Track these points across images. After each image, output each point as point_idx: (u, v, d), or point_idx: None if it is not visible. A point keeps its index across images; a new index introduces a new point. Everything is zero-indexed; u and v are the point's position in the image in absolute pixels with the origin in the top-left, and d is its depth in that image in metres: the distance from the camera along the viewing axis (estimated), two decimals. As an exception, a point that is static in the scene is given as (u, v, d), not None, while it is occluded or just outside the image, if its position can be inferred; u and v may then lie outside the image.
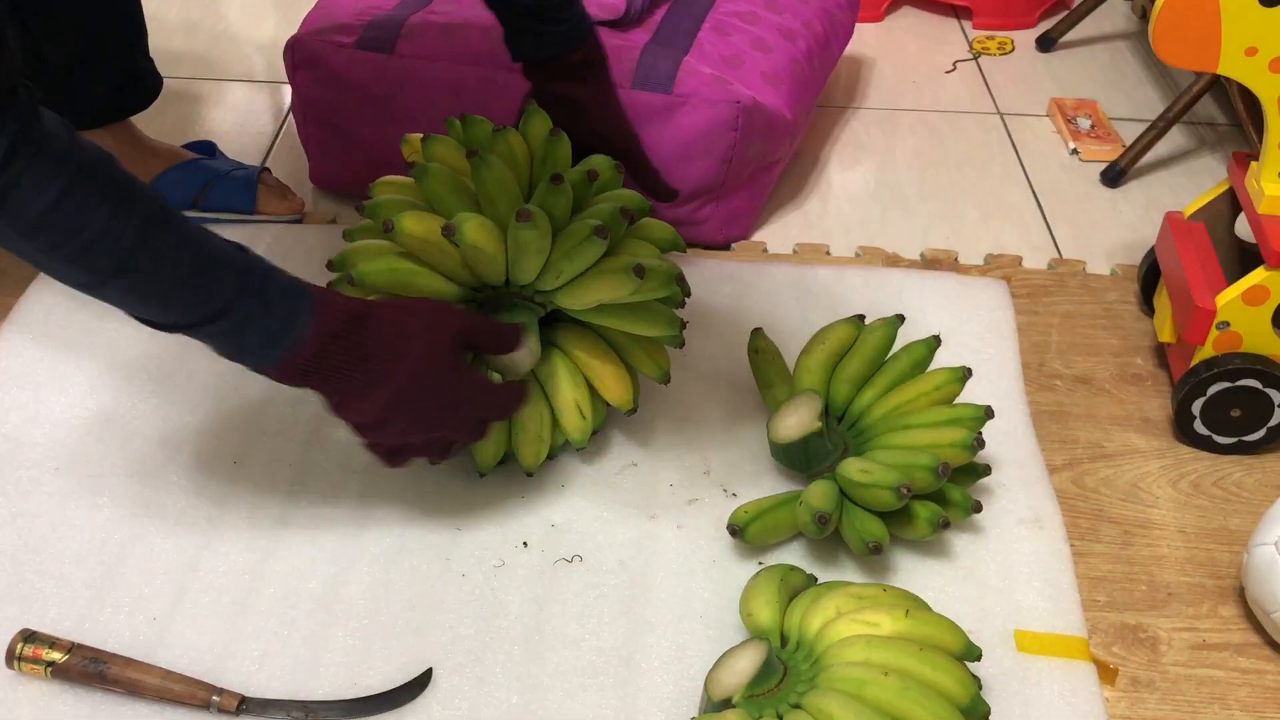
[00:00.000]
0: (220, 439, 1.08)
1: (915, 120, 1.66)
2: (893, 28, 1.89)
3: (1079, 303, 1.31)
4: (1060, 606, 0.97)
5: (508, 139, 1.00)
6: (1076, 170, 1.56)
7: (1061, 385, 1.20)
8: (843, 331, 1.10)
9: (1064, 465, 1.11)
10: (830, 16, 1.50)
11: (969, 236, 1.42)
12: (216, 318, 0.79)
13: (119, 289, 0.77)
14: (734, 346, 1.18)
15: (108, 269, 0.75)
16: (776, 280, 1.31)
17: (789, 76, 1.37)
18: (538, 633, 0.93)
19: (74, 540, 0.99)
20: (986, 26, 1.89)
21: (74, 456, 1.06)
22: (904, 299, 1.28)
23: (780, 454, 1.05)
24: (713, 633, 0.94)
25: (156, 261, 0.76)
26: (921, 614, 0.86)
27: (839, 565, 1.00)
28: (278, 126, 1.57)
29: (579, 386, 1.02)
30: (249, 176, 1.35)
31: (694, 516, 1.03)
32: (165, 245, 0.77)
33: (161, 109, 1.37)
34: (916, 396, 1.05)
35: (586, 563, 0.99)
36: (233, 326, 0.80)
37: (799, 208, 1.46)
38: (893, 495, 0.94)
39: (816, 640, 0.86)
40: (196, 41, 1.76)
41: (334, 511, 1.02)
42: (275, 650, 0.91)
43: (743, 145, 1.29)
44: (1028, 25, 1.89)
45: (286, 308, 0.82)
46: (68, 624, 0.92)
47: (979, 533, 1.03)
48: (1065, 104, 1.67)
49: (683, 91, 1.27)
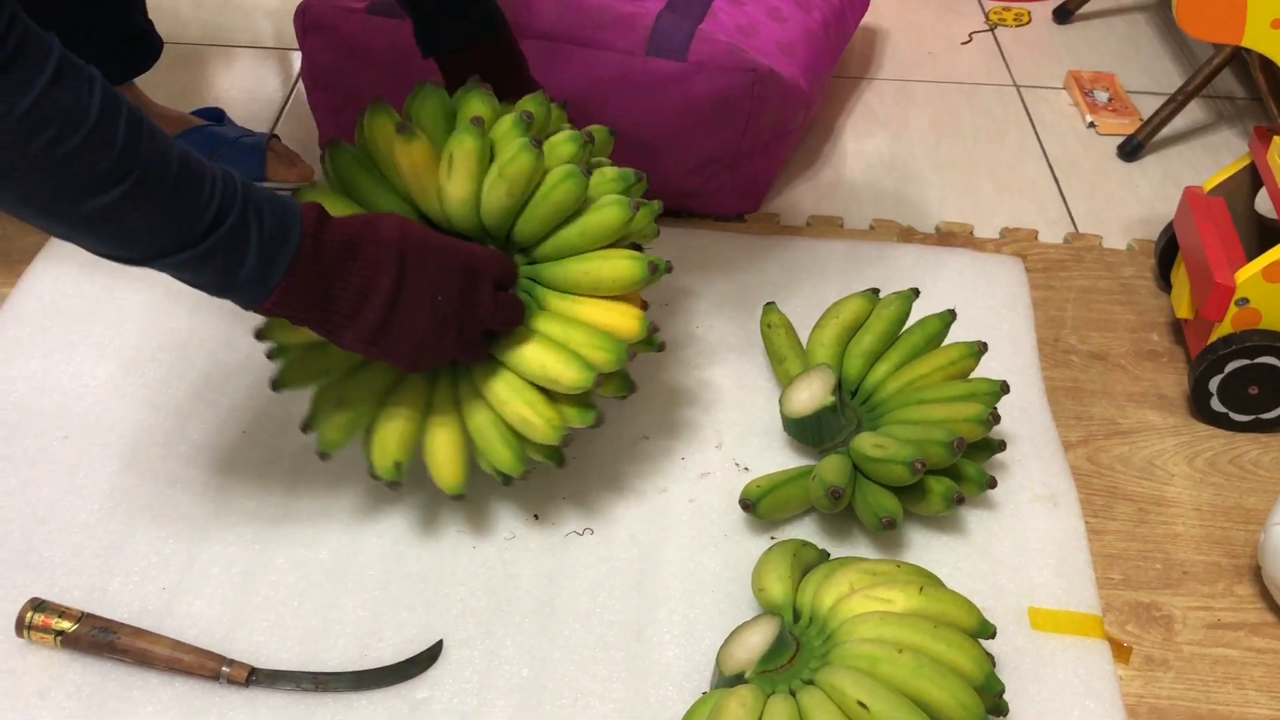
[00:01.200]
0: (229, 408, 1.08)
1: (931, 92, 1.65)
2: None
3: (1095, 278, 1.30)
4: (1074, 584, 0.97)
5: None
6: (1093, 144, 1.55)
7: (1077, 361, 1.19)
8: (857, 305, 1.10)
9: (1079, 441, 1.10)
10: (846, -14, 1.49)
11: (984, 210, 1.41)
12: (212, 229, 0.72)
13: (115, 201, 0.68)
14: (746, 320, 1.18)
15: (105, 172, 0.67)
16: (789, 253, 1.30)
17: (804, 46, 1.36)
18: (548, 606, 0.93)
19: (83, 509, 0.99)
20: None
21: (82, 425, 1.06)
22: (919, 273, 1.27)
23: (793, 429, 1.04)
24: (724, 607, 0.93)
25: (150, 162, 0.69)
26: (935, 591, 0.86)
27: (852, 541, 0.99)
28: (287, 93, 1.56)
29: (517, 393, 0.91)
30: (258, 143, 1.34)
31: (706, 490, 1.03)
32: (154, 144, 0.70)
33: (169, 75, 1.36)
34: (931, 371, 1.04)
35: (598, 536, 0.99)
36: (226, 242, 0.73)
37: (813, 180, 1.45)
38: (907, 470, 0.93)
39: (829, 616, 0.85)
40: (204, 7, 1.75)
41: (345, 481, 1.02)
42: (285, 621, 0.91)
43: (757, 114, 1.27)
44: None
45: (278, 217, 0.76)
46: (77, 593, 0.92)
47: (993, 509, 1.02)
48: (1082, 76, 1.66)
49: (697, 59, 1.25)
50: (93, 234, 0.70)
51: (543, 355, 0.89)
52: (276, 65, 1.63)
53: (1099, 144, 1.55)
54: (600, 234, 0.92)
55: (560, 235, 0.92)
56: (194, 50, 1.63)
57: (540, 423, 0.90)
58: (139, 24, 1.30)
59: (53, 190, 0.67)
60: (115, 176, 0.67)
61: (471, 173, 0.89)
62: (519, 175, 0.89)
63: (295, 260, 0.76)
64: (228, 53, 1.65)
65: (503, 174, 0.89)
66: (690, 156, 1.29)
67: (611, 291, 0.92)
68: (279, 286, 0.76)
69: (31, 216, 0.69)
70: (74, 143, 0.65)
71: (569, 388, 0.89)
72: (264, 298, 0.76)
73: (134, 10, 1.28)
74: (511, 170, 0.88)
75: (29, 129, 0.64)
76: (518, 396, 0.90)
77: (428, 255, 0.83)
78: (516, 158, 0.88)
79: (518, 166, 0.88)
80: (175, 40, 1.34)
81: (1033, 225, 1.38)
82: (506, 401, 0.90)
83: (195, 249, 0.72)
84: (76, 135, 0.65)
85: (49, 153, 0.65)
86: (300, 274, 0.77)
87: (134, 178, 0.68)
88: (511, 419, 0.90)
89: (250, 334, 0.91)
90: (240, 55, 1.65)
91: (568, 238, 0.92)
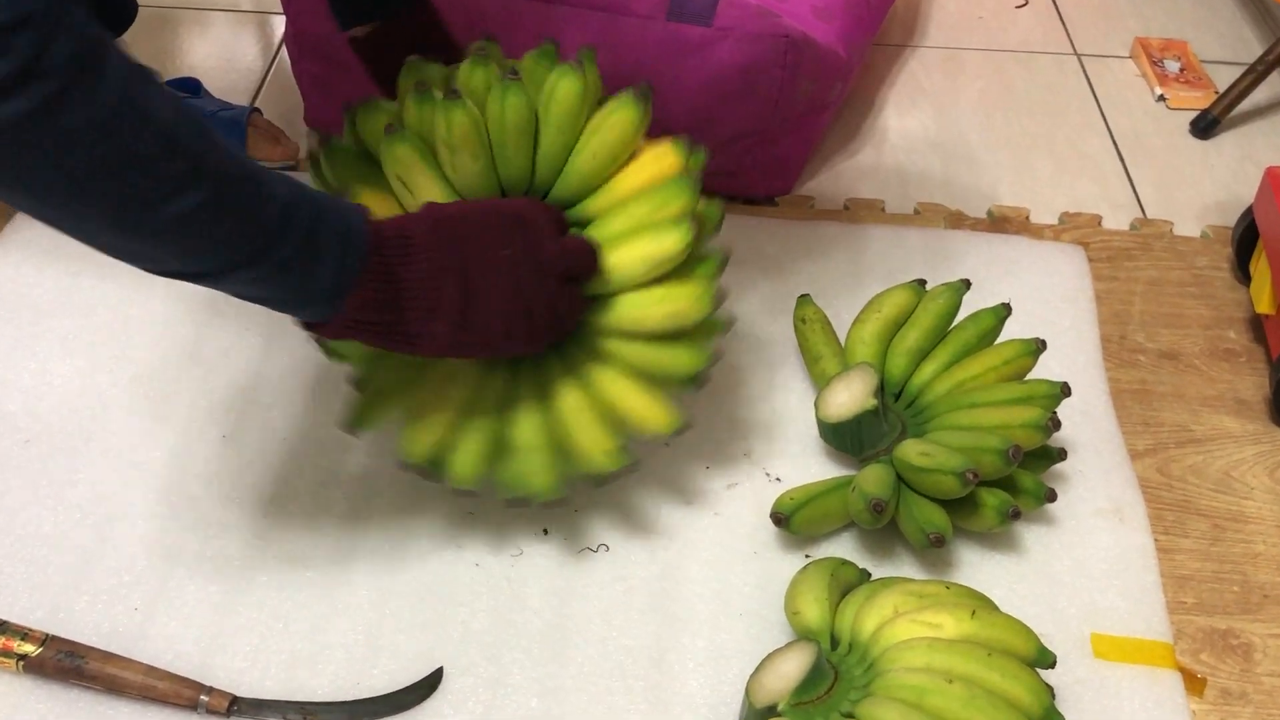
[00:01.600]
0: (207, 410, 1.09)
1: (982, 61, 1.65)
2: (957, -44, 1.87)
3: (1165, 268, 1.30)
4: (1142, 608, 0.97)
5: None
6: (1163, 119, 1.55)
7: (1145, 361, 1.19)
8: (900, 298, 1.10)
9: (1147, 450, 1.10)
10: (889, -56, 1.49)
11: (1042, 193, 1.41)
12: (285, 233, 0.73)
13: (194, 207, 0.69)
14: (778, 314, 1.18)
15: (183, 175, 0.68)
16: (825, 240, 1.30)
17: (842, 11, 1.36)
18: (559, 629, 0.94)
19: (46, 521, 0.99)
20: (1063, -45, 1.87)
21: (46, 428, 1.07)
22: (969, 262, 1.27)
23: (830, 435, 1.05)
24: (754, 632, 0.94)
25: (223, 164, 0.71)
26: (989, 615, 0.86)
27: (896, 559, 1.00)
28: (268, 62, 1.57)
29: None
30: (237, 118, 1.35)
31: (733, 503, 1.03)
32: (221, 145, 0.71)
33: (139, 41, 1.37)
34: (983, 372, 1.04)
35: (613, 553, 0.99)
36: (302, 248, 0.74)
37: (851, 158, 1.46)
38: (957, 481, 0.93)
39: (871, 642, 0.86)
40: (177, -34, 1.76)
41: (335, 490, 1.03)
42: (270, 645, 0.92)
43: (790, 85, 1.28)
44: (1109, -46, 1.87)
45: (343, 218, 0.78)
46: (40, 614, 0.93)
47: (1052, 524, 1.02)
48: (1151, 44, 1.66)
49: (724, 24, 1.26)
50: (172, 244, 0.71)
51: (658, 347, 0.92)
52: (256, 31, 1.64)
53: (1169, 119, 1.55)
54: (661, 265, 0.90)
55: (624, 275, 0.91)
56: (166, 14, 1.64)
57: (657, 412, 0.92)
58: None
59: (130, 196, 0.68)
60: (194, 179, 0.69)
61: (480, 148, 0.90)
62: (568, 102, 0.90)
63: (366, 262, 0.78)
64: (203, 16, 1.66)
65: (548, 111, 0.90)
66: (716, 132, 1.29)
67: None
68: (355, 292, 0.77)
69: (106, 229, 0.70)
70: (151, 144, 0.66)
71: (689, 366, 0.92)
72: (340, 307, 0.78)
73: None
74: (560, 97, 0.90)
75: (108, 130, 0.65)
76: (631, 386, 0.92)
77: (473, 221, 0.84)
78: (559, 83, 0.89)
79: (565, 91, 0.90)
80: (144, 4, 1.35)
81: (1096, 210, 1.38)
82: (619, 392, 0.92)
83: (273, 257, 0.73)
84: (152, 135, 0.66)
85: (127, 155, 0.66)
86: (373, 276, 0.78)
87: (210, 181, 0.69)
88: (626, 408, 0.92)
89: (234, 337, 0.90)
90: (216, 20, 1.66)
91: (632, 274, 0.91)
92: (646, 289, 0.90)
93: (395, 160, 0.90)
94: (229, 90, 1.47)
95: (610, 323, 0.91)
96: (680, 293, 0.90)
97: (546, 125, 0.91)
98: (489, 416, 0.92)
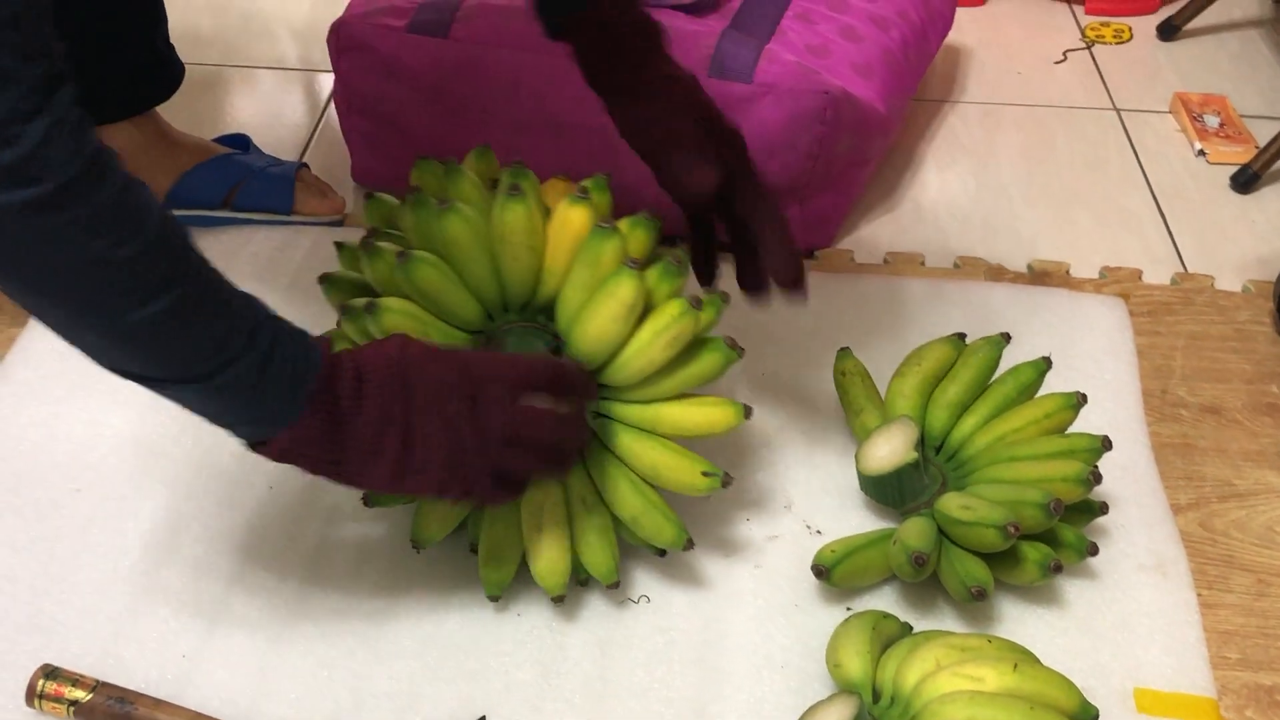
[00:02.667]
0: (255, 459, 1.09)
1: (1021, 116, 1.66)
2: (996, 13, 1.89)
3: (1207, 323, 1.30)
4: (1186, 663, 0.97)
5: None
6: (1203, 174, 1.56)
7: (1187, 415, 1.19)
8: (940, 352, 1.11)
9: (1190, 505, 1.10)
10: (927, 3, 1.51)
11: (1082, 247, 1.42)
12: (245, 350, 0.76)
13: (160, 313, 0.72)
14: (818, 367, 1.19)
15: (157, 282, 0.72)
16: (865, 293, 1.31)
17: (881, 67, 1.38)
18: (600, 680, 0.94)
19: (96, 568, 1.01)
20: (1101, 12, 1.89)
21: (97, 476, 1.09)
22: (1009, 316, 1.28)
23: (871, 487, 1.05)
24: (795, 685, 0.94)
25: (198, 275, 0.75)
26: (1031, 668, 0.86)
27: (937, 613, 1.00)
28: (316, 118, 1.60)
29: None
30: (286, 173, 1.38)
31: (774, 555, 1.04)
32: (197, 257, 0.75)
33: (190, 99, 1.40)
34: (1024, 425, 1.05)
35: (654, 604, 1.00)
36: (257, 367, 0.77)
37: (891, 212, 1.47)
38: (998, 535, 0.94)
39: (914, 696, 0.86)
40: (226, 23, 1.80)
41: (378, 540, 1.04)
42: (314, 692, 0.93)
43: (830, 140, 1.29)
44: (1148, 10, 1.88)
45: (299, 344, 0.80)
46: (90, 660, 0.94)
47: (1094, 578, 1.02)
48: (1190, 99, 1.67)
49: (765, 80, 1.28)
50: (132, 347, 0.75)
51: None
52: (303, 88, 1.67)
53: (1210, 174, 1.55)
54: (698, 383, 0.97)
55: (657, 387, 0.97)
56: (215, 72, 1.68)
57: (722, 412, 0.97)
58: (160, 50, 1.34)
59: (103, 297, 0.71)
60: (165, 286, 0.72)
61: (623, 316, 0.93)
62: (680, 339, 0.94)
63: (316, 391, 0.80)
64: (251, 74, 1.70)
65: (660, 337, 0.93)
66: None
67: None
68: (298, 425, 0.80)
69: (72, 324, 0.74)
70: (134, 248, 0.70)
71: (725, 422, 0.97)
72: (282, 430, 0.80)
73: (156, 36, 1.33)
74: (674, 334, 0.93)
75: (95, 230, 0.69)
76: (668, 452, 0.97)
77: (430, 374, 0.85)
78: (678, 321, 0.93)
79: (681, 330, 0.93)
80: (194, 60, 1.38)
81: (1136, 264, 1.38)
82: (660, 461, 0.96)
83: (227, 372, 0.76)
84: (137, 240, 0.70)
85: (109, 256, 0.69)
86: (320, 406, 0.80)
87: (180, 290, 0.73)
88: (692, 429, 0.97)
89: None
90: (264, 77, 1.69)
91: (665, 388, 0.97)
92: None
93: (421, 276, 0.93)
94: (277, 146, 1.50)
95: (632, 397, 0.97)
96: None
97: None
98: (561, 524, 0.96)
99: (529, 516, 0.95)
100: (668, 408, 0.96)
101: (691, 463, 0.96)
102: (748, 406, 0.97)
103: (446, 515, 0.97)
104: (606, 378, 0.96)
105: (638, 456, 0.96)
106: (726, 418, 0.97)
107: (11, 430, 1.13)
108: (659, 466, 0.96)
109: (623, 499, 0.96)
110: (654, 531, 0.97)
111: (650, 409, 0.96)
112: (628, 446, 0.96)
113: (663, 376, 0.95)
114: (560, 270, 0.96)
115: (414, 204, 0.95)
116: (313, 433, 0.81)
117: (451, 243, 0.94)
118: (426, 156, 1.01)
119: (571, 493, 0.97)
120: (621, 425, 0.97)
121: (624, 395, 0.97)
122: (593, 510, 0.97)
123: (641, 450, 0.96)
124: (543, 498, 0.95)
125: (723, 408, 0.97)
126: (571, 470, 0.96)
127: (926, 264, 1.38)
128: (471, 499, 0.93)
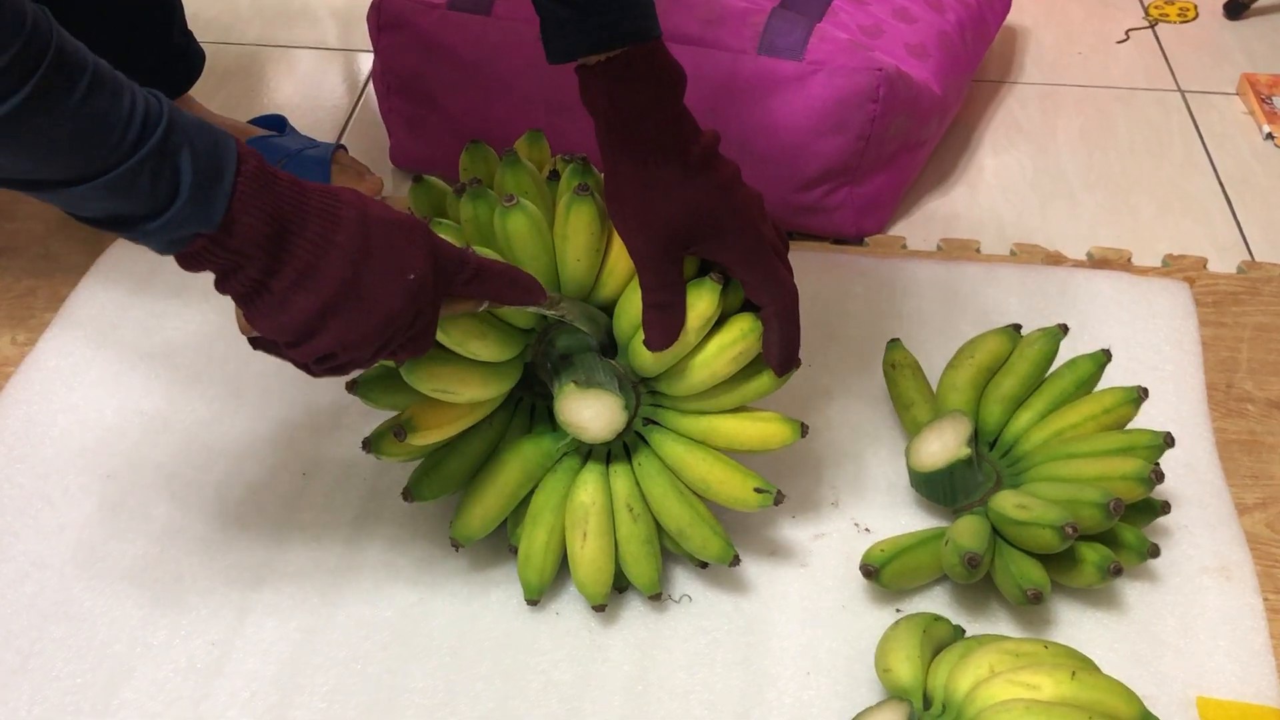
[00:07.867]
0: (289, 448, 1.10)
1: (1081, 98, 1.64)
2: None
3: (1275, 314, 1.28)
4: (1251, 671, 0.95)
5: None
6: (1272, 158, 1.53)
7: (1254, 410, 1.17)
8: (995, 344, 1.09)
9: (1256, 505, 1.08)
10: (985, -16, 1.49)
11: (1144, 234, 1.39)
12: (136, 146, 0.69)
13: (20, 103, 0.65)
14: (867, 359, 1.18)
15: (6, 67, 0.64)
16: (918, 281, 1.30)
17: (937, 48, 1.36)
18: (641, 682, 0.93)
19: (126, 555, 1.01)
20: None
21: (127, 463, 1.09)
22: (1067, 306, 1.26)
23: (921, 485, 1.04)
24: (842, 689, 0.93)
25: (62, 61, 0.66)
26: (1089, 676, 0.84)
27: (990, 616, 0.98)
28: (354, 99, 1.60)
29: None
30: (323, 155, 1.38)
31: (821, 554, 1.03)
32: (66, 43, 0.67)
33: (226, 80, 1.40)
34: (1082, 421, 1.03)
35: (696, 604, 0.99)
36: (154, 163, 0.69)
37: (945, 197, 1.45)
38: (1055, 535, 0.92)
39: (966, 703, 0.84)
40: (265, 3, 1.80)
41: (412, 533, 1.03)
42: (346, 685, 0.93)
43: (883, 120, 1.27)
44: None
45: (211, 140, 0.72)
46: (119, 646, 0.95)
47: (1155, 582, 1.00)
48: (1259, 80, 1.64)
49: (816, 58, 1.26)
50: (12, 139, 0.67)
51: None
52: (342, 68, 1.67)
53: (1278, 159, 1.53)
54: (755, 398, 0.96)
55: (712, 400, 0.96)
56: (253, 51, 1.68)
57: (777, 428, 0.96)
58: (177, 42, 1.33)
59: None
60: (20, 74, 0.65)
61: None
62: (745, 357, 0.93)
63: (239, 190, 0.72)
64: (288, 54, 1.69)
65: (727, 351, 0.92)
66: (805, 168, 1.29)
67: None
68: (224, 217, 0.72)
69: None
70: None
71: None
72: (201, 233, 0.72)
73: (171, 29, 1.32)
74: (741, 349, 0.93)
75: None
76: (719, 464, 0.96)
77: (393, 229, 0.78)
78: (746, 337, 0.92)
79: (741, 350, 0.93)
80: (231, 40, 1.38)
81: (1201, 252, 1.36)
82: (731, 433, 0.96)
83: (120, 169, 0.69)
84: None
85: None
86: (247, 207, 0.72)
87: (40, 76, 0.66)
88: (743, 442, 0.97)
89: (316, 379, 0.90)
90: (303, 57, 1.69)
91: (723, 402, 0.96)
92: None
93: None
94: (314, 127, 1.50)
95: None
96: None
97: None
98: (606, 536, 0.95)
99: (573, 523, 0.94)
100: (723, 420, 0.96)
101: (744, 477, 0.95)
102: (804, 424, 0.96)
103: (488, 514, 0.96)
104: (663, 385, 0.95)
105: (689, 467, 0.95)
106: (782, 434, 0.96)
107: (42, 417, 1.13)
108: (709, 479, 0.95)
109: (670, 510, 0.95)
110: (700, 545, 0.96)
111: (705, 420, 0.96)
112: (680, 456, 0.95)
113: (722, 390, 0.94)
114: (623, 274, 0.94)
115: (473, 196, 0.92)
116: (241, 231, 0.72)
117: (513, 237, 0.91)
118: (477, 140, 0.99)
119: (617, 499, 0.96)
120: (673, 434, 0.96)
121: (679, 405, 0.96)
122: (639, 520, 0.95)
123: (694, 461, 0.95)
124: (588, 503, 0.94)
125: (779, 424, 0.96)
126: (620, 475, 0.96)
127: (981, 251, 1.36)
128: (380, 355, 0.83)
